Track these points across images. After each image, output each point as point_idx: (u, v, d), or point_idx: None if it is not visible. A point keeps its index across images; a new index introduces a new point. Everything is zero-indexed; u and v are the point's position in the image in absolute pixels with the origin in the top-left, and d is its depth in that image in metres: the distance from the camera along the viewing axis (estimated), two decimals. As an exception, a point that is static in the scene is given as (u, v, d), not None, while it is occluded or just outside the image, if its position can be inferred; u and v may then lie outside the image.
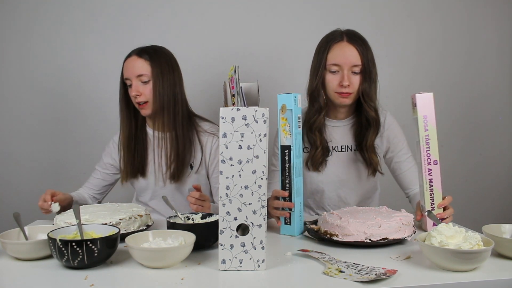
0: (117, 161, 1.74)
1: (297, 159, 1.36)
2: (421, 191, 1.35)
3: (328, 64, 1.53)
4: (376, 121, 1.57)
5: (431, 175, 1.30)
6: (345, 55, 1.51)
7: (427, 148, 1.30)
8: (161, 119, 1.63)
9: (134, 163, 1.68)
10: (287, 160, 1.34)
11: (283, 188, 1.36)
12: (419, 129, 1.30)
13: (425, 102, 1.30)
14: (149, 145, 1.71)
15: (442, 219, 1.29)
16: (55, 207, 1.42)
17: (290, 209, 1.35)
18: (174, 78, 1.63)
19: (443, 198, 1.32)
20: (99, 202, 1.77)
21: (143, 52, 1.62)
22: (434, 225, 1.29)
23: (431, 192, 1.30)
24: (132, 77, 1.60)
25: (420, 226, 1.41)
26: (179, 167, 1.64)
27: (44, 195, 1.45)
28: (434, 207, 1.30)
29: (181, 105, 1.64)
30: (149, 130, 1.72)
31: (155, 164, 1.69)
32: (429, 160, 1.30)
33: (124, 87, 1.65)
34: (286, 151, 1.34)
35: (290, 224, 1.35)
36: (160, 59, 1.62)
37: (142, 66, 1.60)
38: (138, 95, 1.60)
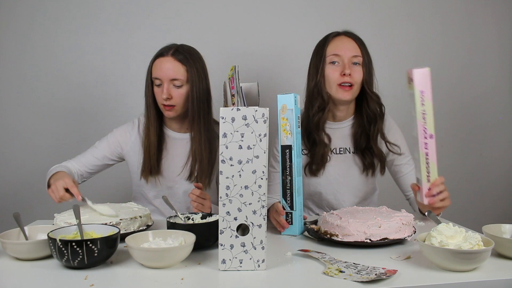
0: (127, 151, 1.68)
1: (298, 158, 1.36)
2: (417, 165, 1.36)
3: (328, 55, 1.55)
4: (380, 109, 1.59)
5: (427, 149, 1.30)
6: (344, 46, 1.55)
7: (423, 122, 1.30)
8: (193, 122, 1.58)
9: (154, 161, 1.63)
10: (288, 160, 1.35)
11: (284, 187, 1.36)
12: (416, 104, 1.30)
13: (422, 77, 1.30)
14: (164, 143, 1.67)
15: (433, 196, 1.30)
16: (89, 203, 1.36)
17: (292, 210, 1.35)
18: (207, 84, 1.60)
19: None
20: (83, 182, 1.69)
21: (177, 53, 1.55)
22: (429, 195, 1.30)
23: (427, 165, 1.31)
24: (164, 79, 1.54)
25: (420, 226, 1.41)
26: (198, 169, 1.60)
27: (72, 188, 1.38)
28: (430, 178, 1.31)
29: (212, 111, 1.62)
30: (166, 130, 1.68)
31: (169, 163, 1.66)
32: (425, 134, 1.30)
33: (151, 84, 1.59)
34: (287, 150, 1.34)
35: (291, 224, 1.36)
36: (196, 64, 1.56)
37: (178, 70, 1.54)
38: (168, 98, 1.54)
